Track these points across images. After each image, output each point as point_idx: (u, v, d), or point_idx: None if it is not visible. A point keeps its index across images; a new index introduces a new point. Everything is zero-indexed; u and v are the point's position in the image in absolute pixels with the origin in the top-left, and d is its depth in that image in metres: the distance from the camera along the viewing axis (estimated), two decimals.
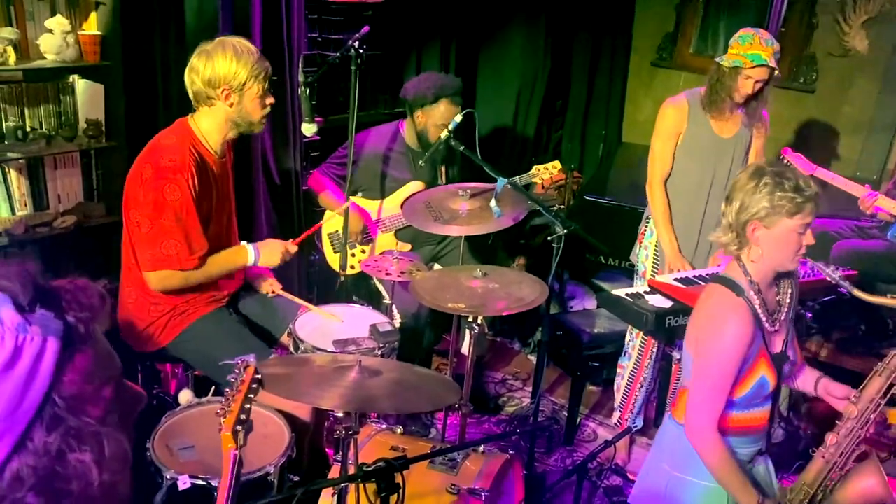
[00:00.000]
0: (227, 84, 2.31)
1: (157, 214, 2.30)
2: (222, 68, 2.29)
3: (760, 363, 1.80)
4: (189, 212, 2.34)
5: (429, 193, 2.88)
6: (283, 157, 3.40)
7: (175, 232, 2.32)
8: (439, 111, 3.20)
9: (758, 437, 1.92)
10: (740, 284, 1.81)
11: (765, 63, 2.73)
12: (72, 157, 2.74)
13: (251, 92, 2.35)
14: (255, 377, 1.64)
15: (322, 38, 3.59)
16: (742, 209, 1.75)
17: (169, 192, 2.29)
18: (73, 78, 2.68)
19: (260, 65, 2.34)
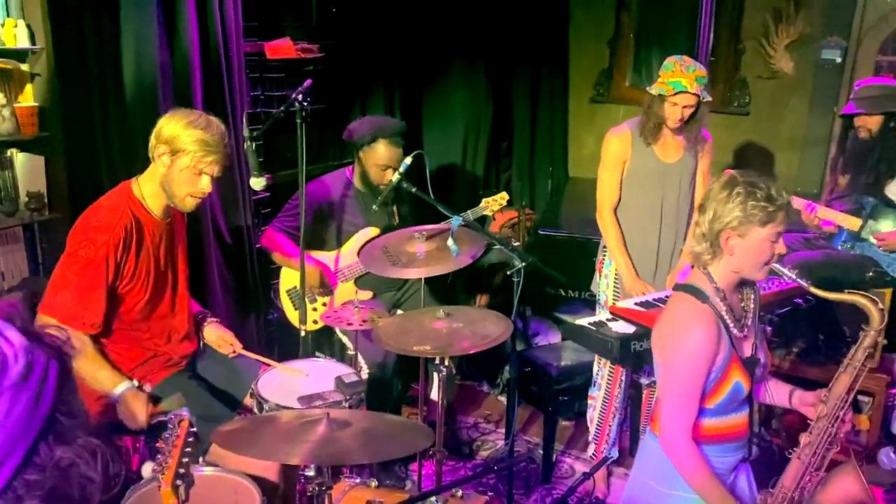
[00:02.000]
0: (167, 144, 2.28)
1: (65, 265, 2.28)
2: (169, 128, 2.27)
3: (733, 369, 1.81)
4: (95, 275, 2.24)
5: (385, 239, 2.87)
6: (233, 215, 3.36)
7: (73, 286, 2.25)
8: (378, 152, 3.22)
9: (739, 445, 1.92)
10: (705, 291, 1.83)
11: (684, 89, 2.83)
12: (14, 233, 2.66)
13: (181, 163, 2.28)
14: (189, 430, 1.60)
15: (265, 96, 3.60)
16: (715, 219, 1.78)
17: (84, 249, 2.25)
18: (12, 151, 2.63)
19: (203, 144, 2.26)
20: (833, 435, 1.75)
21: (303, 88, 2.74)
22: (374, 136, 3.20)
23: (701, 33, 4.54)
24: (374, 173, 3.24)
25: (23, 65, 2.55)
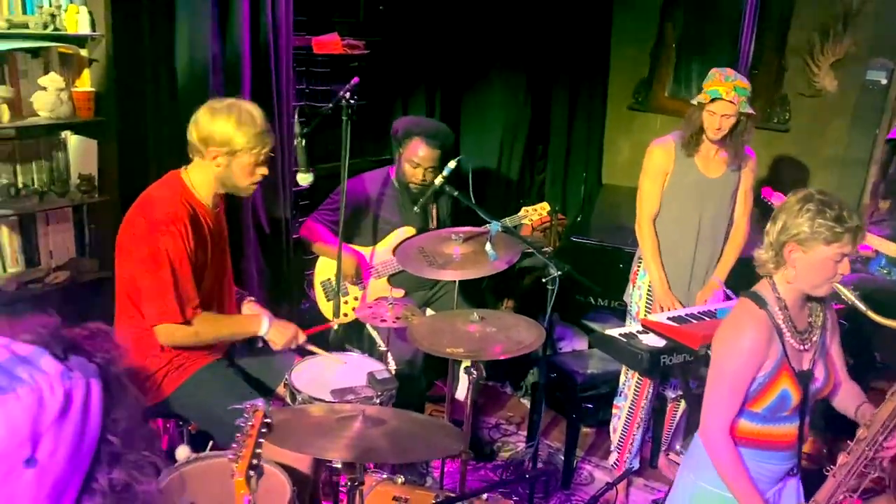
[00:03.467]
0: (219, 146, 2.31)
1: (155, 268, 2.29)
2: (220, 131, 2.29)
3: (782, 377, 1.86)
4: (183, 263, 2.32)
5: (422, 239, 2.91)
6: (273, 206, 3.41)
7: (169, 285, 2.30)
8: (410, 148, 3.27)
9: (787, 455, 1.97)
10: (765, 298, 1.90)
11: (720, 96, 2.83)
12: (64, 213, 2.73)
13: (241, 161, 2.34)
14: (264, 421, 1.63)
15: (309, 90, 3.64)
16: (783, 230, 1.84)
17: (163, 243, 2.28)
18: (66, 134, 2.69)
19: (258, 139, 2.32)
20: (871, 459, 1.77)
21: (350, 86, 2.78)
22: (409, 133, 3.25)
23: (743, 47, 4.53)
24: (407, 170, 3.28)
25: (82, 50, 2.61)
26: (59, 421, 0.60)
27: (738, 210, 3.13)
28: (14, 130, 2.53)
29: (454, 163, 2.65)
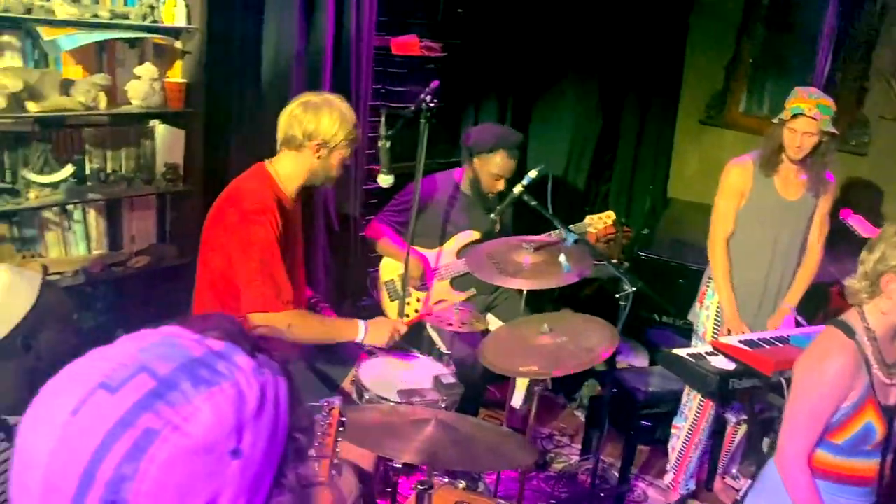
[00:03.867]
0: (324, 141, 2.38)
1: (248, 257, 2.33)
2: (325, 126, 2.37)
3: (867, 410, 1.83)
4: (274, 253, 2.35)
5: (491, 246, 2.90)
6: (344, 204, 3.45)
7: (260, 273, 2.34)
8: (495, 161, 3.26)
9: (865, 491, 1.92)
10: (854, 328, 1.85)
11: (801, 112, 2.76)
12: (148, 200, 2.81)
13: (339, 153, 2.43)
14: (340, 419, 1.65)
15: (385, 90, 3.67)
16: (881, 259, 1.80)
17: (255, 233, 2.32)
18: (154, 123, 2.76)
19: (355, 132, 2.44)
20: None
21: (430, 89, 2.79)
22: (494, 146, 3.24)
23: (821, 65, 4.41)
24: (487, 181, 3.28)
25: (176, 42, 2.68)
26: (258, 415, 0.61)
27: (813, 235, 3.05)
28: (108, 117, 2.61)
29: (535, 172, 2.64)
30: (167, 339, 0.64)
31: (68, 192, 2.44)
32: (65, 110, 2.38)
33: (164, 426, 0.57)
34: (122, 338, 0.65)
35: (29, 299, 1.59)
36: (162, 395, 0.58)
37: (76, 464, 0.56)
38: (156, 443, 0.56)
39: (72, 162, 2.48)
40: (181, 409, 0.58)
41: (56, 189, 2.44)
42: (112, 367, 0.60)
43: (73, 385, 0.60)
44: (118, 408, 0.58)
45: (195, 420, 0.58)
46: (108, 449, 0.56)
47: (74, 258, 2.61)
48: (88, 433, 0.57)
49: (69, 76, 2.45)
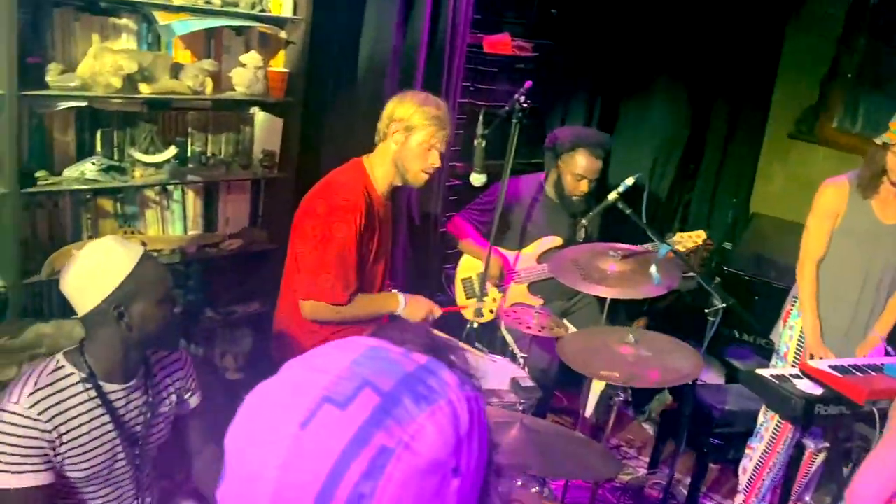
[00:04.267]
0: (400, 121, 2.41)
1: (321, 248, 2.38)
2: (404, 108, 2.41)
3: None
4: (350, 251, 2.41)
5: (577, 251, 2.88)
6: (426, 200, 3.47)
7: (333, 267, 2.39)
8: (577, 160, 3.22)
9: None
10: None
11: None
12: (243, 185, 2.88)
13: (417, 137, 2.43)
14: None
15: (474, 88, 3.67)
16: None
17: (337, 229, 2.37)
18: (254, 110, 2.83)
19: (436, 120, 2.42)
20: None
21: (524, 89, 2.78)
22: (574, 145, 3.20)
23: None
24: (570, 182, 3.25)
25: (281, 32, 2.74)
26: (470, 432, 0.60)
27: None
28: (211, 102, 2.68)
29: (632, 180, 2.61)
30: (377, 351, 0.63)
31: (171, 172, 2.52)
32: (173, 93, 2.45)
33: (397, 445, 0.57)
34: (326, 346, 0.64)
35: (125, 269, 1.65)
36: (389, 412, 0.58)
37: (312, 481, 0.56)
38: (392, 461, 0.56)
39: (175, 144, 2.56)
40: (408, 426, 0.57)
41: (159, 169, 2.52)
42: (332, 380, 0.60)
43: (295, 397, 0.60)
44: (350, 424, 0.57)
45: (422, 438, 0.57)
46: (346, 467, 0.56)
47: (171, 237, 2.69)
48: (322, 449, 0.56)
49: (179, 60, 2.52)
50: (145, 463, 1.88)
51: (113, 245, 1.69)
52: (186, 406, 1.97)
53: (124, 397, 1.76)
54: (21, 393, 1.62)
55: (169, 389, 1.89)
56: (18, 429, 1.60)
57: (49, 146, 2.35)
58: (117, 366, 1.73)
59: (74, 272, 1.66)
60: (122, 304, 1.65)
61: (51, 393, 1.65)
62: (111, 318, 1.65)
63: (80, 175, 2.33)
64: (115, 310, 1.64)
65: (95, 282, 1.64)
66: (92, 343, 1.71)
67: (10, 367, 2.28)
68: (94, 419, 1.72)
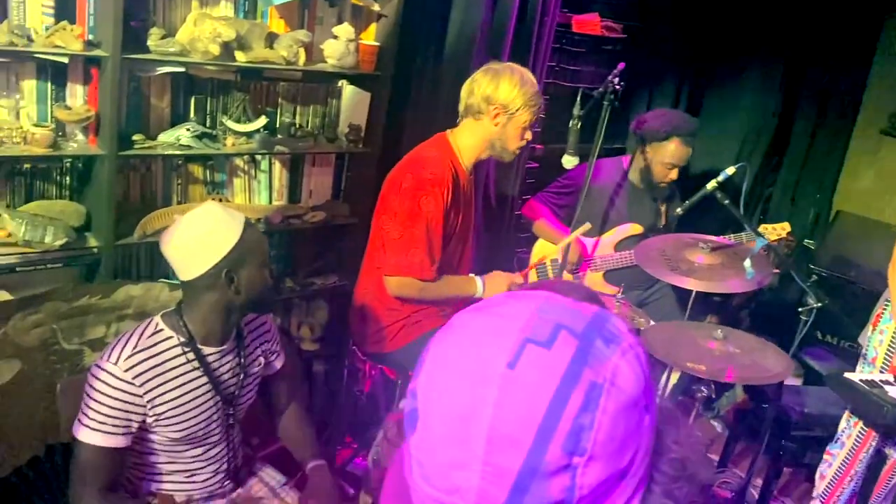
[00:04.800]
0: (502, 105, 2.36)
1: (409, 223, 2.36)
2: (504, 90, 2.35)
3: None
4: (437, 225, 2.38)
5: (664, 240, 2.80)
6: (504, 182, 3.42)
7: (422, 242, 2.36)
8: (669, 149, 3.11)
9: None
10: None
11: None
12: (328, 158, 2.87)
13: (519, 119, 2.39)
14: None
15: (559, 68, 3.58)
16: None
17: (425, 203, 2.34)
18: (342, 83, 2.81)
19: (535, 98, 2.39)
20: None
21: (617, 71, 2.70)
22: (668, 134, 3.09)
23: None
24: (659, 171, 3.15)
25: (374, 5, 2.70)
26: (649, 373, 0.64)
27: None
28: (301, 73, 2.67)
29: (733, 169, 2.50)
30: (552, 300, 0.65)
31: (260, 142, 2.52)
32: (268, 62, 2.45)
33: (604, 381, 0.59)
34: (500, 296, 0.67)
35: (235, 235, 1.66)
36: (588, 352, 0.60)
37: (531, 417, 0.58)
38: (603, 395, 0.59)
39: (265, 114, 2.56)
40: (608, 365, 0.60)
41: (250, 138, 2.53)
42: (526, 323, 0.62)
43: (492, 340, 0.62)
44: (559, 363, 0.59)
45: (620, 376, 0.60)
46: (565, 401, 0.58)
47: (257, 207, 2.71)
48: (536, 387, 0.59)
49: (273, 30, 2.52)
50: (236, 424, 1.91)
51: (220, 212, 1.70)
52: (273, 367, 2.01)
53: (219, 359, 1.79)
54: (120, 354, 1.65)
55: (257, 352, 1.92)
56: (111, 389, 1.63)
57: (146, 111, 2.38)
58: (216, 329, 1.75)
59: (182, 238, 1.67)
60: (231, 269, 1.66)
61: (148, 356, 1.68)
62: (220, 283, 1.67)
63: (176, 140, 2.35)
64: (225, 275, 1.66)
65: (207, 247, 1.65)
66: (192, 307, 1.73)
67: (98, 326, 2.34)
68: (192, 381, 1.74)
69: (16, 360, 2.19)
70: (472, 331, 0.64)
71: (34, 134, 2.07)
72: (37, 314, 2.20)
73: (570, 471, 0.58)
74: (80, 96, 2.22)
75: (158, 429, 1.73)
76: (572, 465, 0.58)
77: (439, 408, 0.62)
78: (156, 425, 1.72)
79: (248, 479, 2.06)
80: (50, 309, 2.22)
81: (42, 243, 2.16)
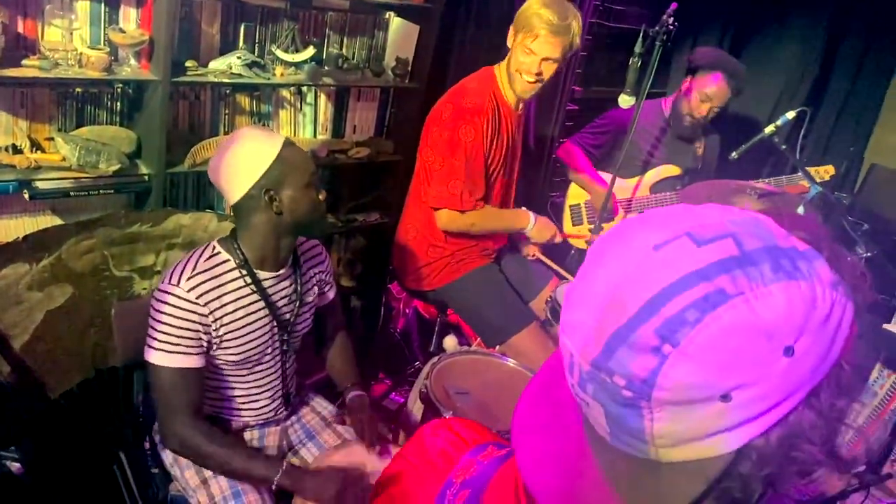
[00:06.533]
0: (517, 20, 2.31)
1: (449, 153, 2.34)
2: (526, 5, 2.29)
3: None
4: (478, 155, 2.36)
5: (710, 187, 2.78)
6: (544, 123, 3.38)
7: (461, 172, 2.35)
8: (708, 79, 3.04)
9: None
10: None
11: None
12: (373, 92, 2.83)
13: (521, 38, 2.30)
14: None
15: (604, 7, 3.50)
16: None
17: (464, 132, 2.32)
18: (390, 15, 2.75)
19: (549, 26, 2.24)
20: None
21: (671, 11, 2.63)
22: (713, 65, 3.03)
23: None
24: (695, 102, 3.08)
25: None
26: (822, 326, 0.59)
27: None
28: (349, 3, 2.60)
29: (793, 114, 2.47)
30: (756, 219, 0.63)
31: (309, 73, 2.48)
32: None
33: (737, 294, 0.57)
34: (709, 204, 0.65)
35: (272, 153, 1.65)
36: (742, 266, 0.58)
37: (645, 290, 0.58)
38: (725, 304, 0.56)
39: (313, 45, 2.51)
40: (756, 286, 0.57)
41: (299, 69, 2.48)
42: (700, 223, 0.61)
43: (660, 226, 0.62)
44: (700, 259, 0.58)
45: (766, 302, 0.57)
46: (681, 290, 0.57)
47: (301, 139, 2.68)
48: (665, 268, 0.59)
49: None
50: (291, 350, 1.93)
51: (256, 132, 1.69)
52: (326, 298, 2.03)
53: (275, 285, 1.80)
54: (181, 276, 1.66)
55: (312, 281, 1.93)
56: (177, 310, 1.64)
57: (196, 37, 2.33)
58: (269, 253, 1.75)
59: (223, 161, 1.66)
60: (272, 189, 1.66)
61: (209, 277, 1.68)
62: (263, 204, 1.67)
63: (228, 68, 2.31)
64: (265, 194, 1.65)
65: (245, 168, 1.64)
66: (244, 231, 1.72)
67: (149, 254, 2.34)
68: (250, 304, 1.75)
69: (67, 285, 2.19)
70: (657, 213, 0.65)
71: (89, 57, 2.03)
72: (89, 240, 2.20)
73: (658, 356, 0.57)
74: (133, 20, 2.17)
75: (219, 351, 1.74)
76: (662, 352, 0.57)
77: (587, 268, 0.65)
78: (217, 347, 1.73)
79: (301, 407, 2.09)
80: (102, 235, 2.21)
81: (96, 168, 2.14)
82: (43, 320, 2.11)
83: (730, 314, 0.56)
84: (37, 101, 2.11)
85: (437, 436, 0.97)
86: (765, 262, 0.58)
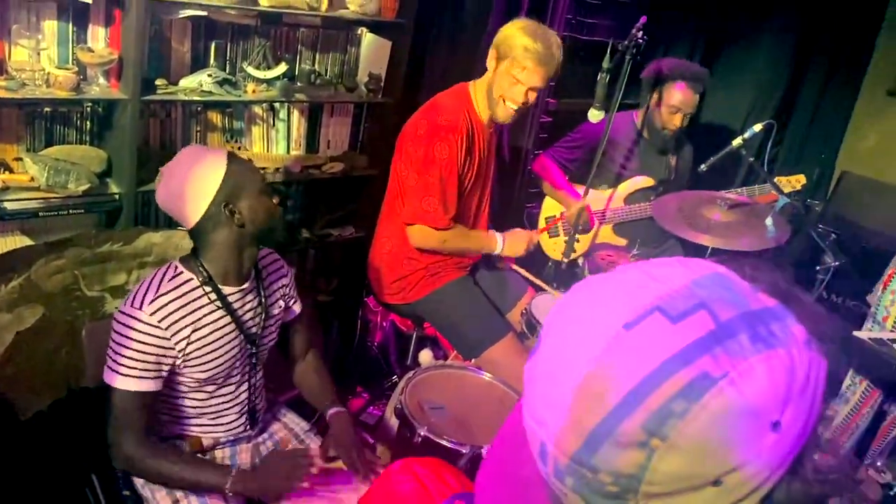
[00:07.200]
0: (496, 46, 2.33)
1: (424, 170, 2.35)
2: (506, 33, 2.31)
3: None
4: (451, 172, 2.37)
5: (681, 198, 2.80)
6: (518, 135, 3.40)
7: (436, 189, 2.36)
8: (671, 91, 3.07)
9: None
10: None
11: None
12: (347, 108, 2.84)
13: (503, 65, 2.32)
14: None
15: (575, 21, 3.53)
16: None
17: (439, 149, 2.33)
18: (362, 30, 2.76)
19: (534, 55, 2.28)
20: None
21: (640, 25, 2.66)
22: (674, 76, 3.06)
23: None
24: (664, 114, 3.11)
25: None
26: (802, 392, 0.57)
27: None
28: (321, 19, 2.62)
29: (760, 126, 2.50)
30: (721, 278, 0.60)
31: (281, 89, 2.48)
32: (290, 7, 2.40)
33: (722, 376, 0.54)
34: (670, 259, 0.62)
35: (221, 168, 1.65)
36: (721, 342, 0.55)
37: (624, 380, 0.55)
38: (711, 390, 0.54)
39: (285, 61, 2.52)
40: (738, 362, 0.54)
41: (271, 86, 2.49)
42: (668, 292, 0.58)
43: (625, 298, 0.58)
44: (678, 340, 0.55)
45: (750, 379, 0.54)
46: (663, 379, 0.54)
47: (274, 156, 2.68)
48: (643, 354, 0.55)
49: None
50: (259, 365, 1.93)
51: (197, 151, 1.70)
52: (292, 312, 2.02)
53: (240, 299, 1.79)
54: (143, 299, 1.64)
55: (277, 294, 1.93)
56: (140, 334, 1.63)
57: (167, 55, 2.33)
58: (233, 267, 1.74)
59: (173, 187, 1.66)
60: (230, 202, 1.66)
61: (172, 298, 1.67)
62: (223, 219, 1.66)
63: (198, 85, 2.31)
64: (225, 209, 1.65)
65: (199, 188, 1.64)
66: (206, 249, 1.72)
67: (120, 273, 2.32)
68: (216, 321, 1.74)
69: (38, 306, 2.18)
70: (615, 282, 0.61)
71: (57, 76, 2.03)
72: (59, 260, 2.18)
73: (646, 450, 0.54)
74: (102, 39, 2.17)
75: (186, 370, 1.74)
76: (650, 446, 0.54)
77: (550, 345, 0.60)
78: (184, 366, 1.72)
79: (272, 423, 2.08)
80: (72, 255, 2.20)
81: (65, 188, 2.13)
82: (13, 342, 2.09)
83: (716, 400, 0.54)
84: (4, 122, 2.10)
85: (402, 483, 0.94)
86: (742, 333, 0.56)
